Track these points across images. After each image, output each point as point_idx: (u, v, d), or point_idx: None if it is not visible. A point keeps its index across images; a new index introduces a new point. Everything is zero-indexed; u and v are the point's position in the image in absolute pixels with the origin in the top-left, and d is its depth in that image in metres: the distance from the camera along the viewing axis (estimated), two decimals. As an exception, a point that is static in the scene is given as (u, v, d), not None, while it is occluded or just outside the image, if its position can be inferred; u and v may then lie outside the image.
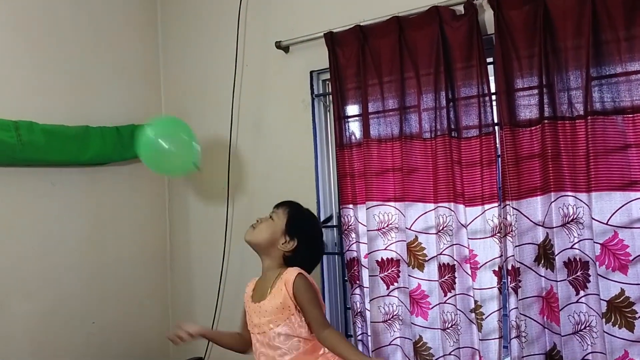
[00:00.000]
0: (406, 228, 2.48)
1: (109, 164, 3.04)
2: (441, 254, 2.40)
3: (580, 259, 2.14)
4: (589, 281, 2.12)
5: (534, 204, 2.23)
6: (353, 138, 2.65)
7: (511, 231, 2.24)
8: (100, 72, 3.07)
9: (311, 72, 2.85)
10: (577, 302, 2.16)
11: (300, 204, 2.37)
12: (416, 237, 2.47)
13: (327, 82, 2.89)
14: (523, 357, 2.22)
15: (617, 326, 2.04)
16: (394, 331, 2.55)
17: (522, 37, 2.23)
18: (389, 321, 2.55)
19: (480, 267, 2.33)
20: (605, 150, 2.06)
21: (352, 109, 2.67)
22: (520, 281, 2.23)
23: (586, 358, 2.15)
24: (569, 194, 2.16)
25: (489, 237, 2.31)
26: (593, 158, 2.06)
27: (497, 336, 2.30)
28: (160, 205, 3.36)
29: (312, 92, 2.86)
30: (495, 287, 2.30)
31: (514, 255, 2.23)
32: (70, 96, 2.93)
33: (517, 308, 2.23)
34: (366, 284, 2.60)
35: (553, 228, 2.19)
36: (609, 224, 2.05)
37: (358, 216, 2.62)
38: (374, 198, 2.55)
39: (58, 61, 2.89)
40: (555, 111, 2.18)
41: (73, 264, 2.87)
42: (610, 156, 2.06)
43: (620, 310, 2.04)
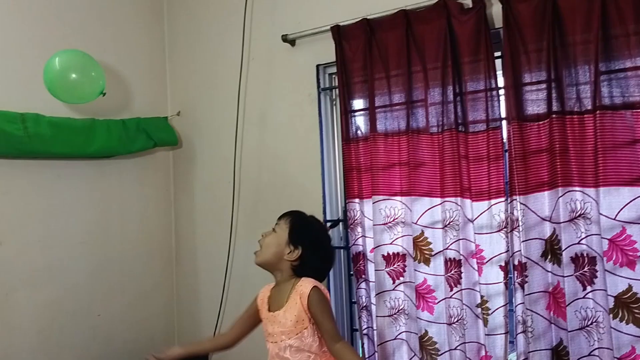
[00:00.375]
0: (412, 222, 2.48)
1: (114, 157, 3.03)
2: (447, 248, 2.39)
3: (587, 254, 2.13)
4: (596, 277, 2.11)
5: (541, 199, 2.22)
6: (359, 132, 2.64)
7: (518, 226, 2.23)
8: (107, 65, 3.06)
9: (317, 66, 2.84)
10: (584, 297, 2.15)
11: (304, 212, 2.29)
12: (422, 232, 2.47)
13: (333, 76, 2.88)
14: (529, 352, 2.22)
15: (624, 322, 2.04)
16: (400, 325, 2.54)
17: (531, 31, 2.22)
18: (395, 315, 2.55)
19: (486, 262, 2.32)
20: (614, 145, 2.05)
21: (358, 103, 2.66)
22: (526, 276, 2.22)
23: (593, 354, 2.14)
24: (577, 189, 2.15)
25: (496, 232, 2.30)
26: (601, 153, 2.05)
27: (503, 331, 2.29)
28: (166, 198, 3.36)
29: (318, 86, 2.85)
30: (501, 282, 2.29)
31: (520, 251, 2.23)
32: (77, 89, 2.92)
33: (523, 303, 2.22)
34: (372, 278, 2.60)
35: (560, 223, 2.18)
36: (617, 219, 2.04)
37: (364, 210, 2.62)
38: (380, 192, 2.54)
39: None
40: (563, 106, 2.17)
41: (79, 256, 2.87)
42: (619, 151, 2.05)
43: (627, 306, 2.03)
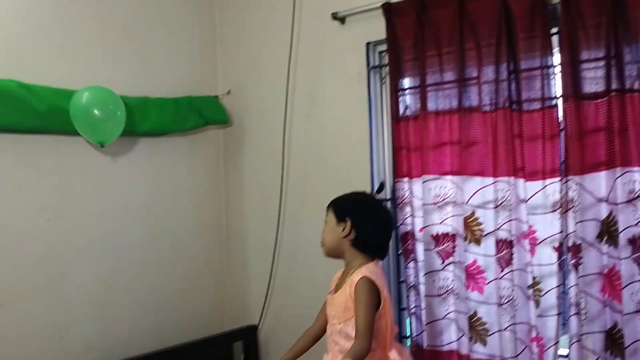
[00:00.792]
0: (463, 202, 2.45)
1: (166, 135, 3.09)
2: (499, 229, 2.36)
3: (646, 236, 2.08)
4: (655, 259, 2.06)
5: (598, 179, 2.17)
6: (409, 111, 2.62)
7: (573, 207, 2.19)
8: (159, 45, 3.11)
9: (367, 44, 2.82)
10: (641, 280, 2.10)
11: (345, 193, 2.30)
12: (473, 212, 2.45)
13: (383, 54, 2.85)
14: (582, 334, 2.18)
15: (682, 306, 1.99)
16: (448, 305, 2.53)
17: (589, 6, 2.15)
18: (444, 295, 2.54)
19: (539, 243, 2.29)
20: (677, 125, 1.98)
21: (408, 81, 2.63)
22: (581, 258, 2.18)
23: (649, 338, 2.10)
24: (636, 169, 2.09)
25: (550, 212, 2.27)
26: (663, 132, 1.99)
27: (556, 313, 2.27)
28: (216, 176, 3.41)
29: (367, 64, 2.83)
30: (554, 263, 2.26)
31: (575, 232, 2.18)
32: (131, 68, 2.98)
33: (577, 285, 2.19)
34: (420, 258, 2.59)
35: (617, 204, 2.12)
36: (678, 200, 1.98)
37: (413, 190, 2.60)
38: (430, 172, 2.53)
39: (119, 33, 2.94)
40: (623, 84, 2.10)
41: (132, 231, 2.94)
42: (682, 130, 1.98)
43: (687, 290, 1.98)
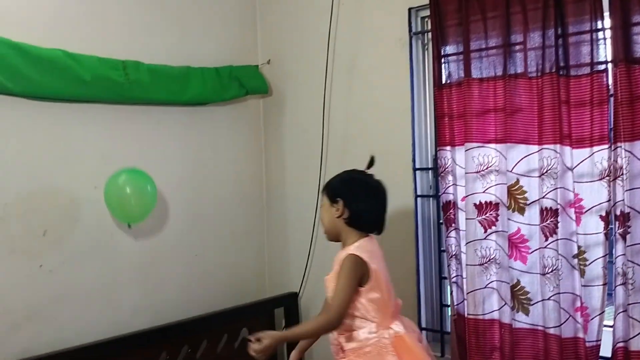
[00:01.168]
0: (507, 170, 2.42)
1: (207, 104, 3.11)
2: (544, 197, 2.32)
3: (698, 205, 2.02)
4: None
5: (649, 146, 2.11)
6: (453, 77, 2.57)
7: (622, 175, 2.13)
8: (201, 14, 3.11)
9: (409, 9, 2.78)
10: (692, 250, 2.05)
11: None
12: (517, 180, 2.41)
13: (426, 20, 2.80)
14: (628, 304, 2.15)
15: None
16: (490, 274, 2.51)
17: (643, -35, 2.07)
18: (486, 264, 2.51)
19: (585, 212, 2.25)
20: None
21: (452, 48, 2.58)
22: (629, 227, 2.13)
23: (699, 308, 2.05)
24: (690, 135, 2.02)
25: (597, 180, 2.22)
26: None
27: (601, 283, 2.23)
28: (257, 146, 3.42)
29: (410, 30, 2.79)
30: (601, 232, 2.22)
31: (623, 200, 2.14)
32: (172, 37, 3.00)
33: (624, 255, 2.15)
34: (462, 227, 2.57)
35: (669, 172, 2.07)
36: None
37: (456, 158, 2.57)
38: (473, 140, 2.49)
39: (162, 3, 2.95)
40: (677, 47, 2.03)
41: (176, 199, 2.98)
42: None
43: None
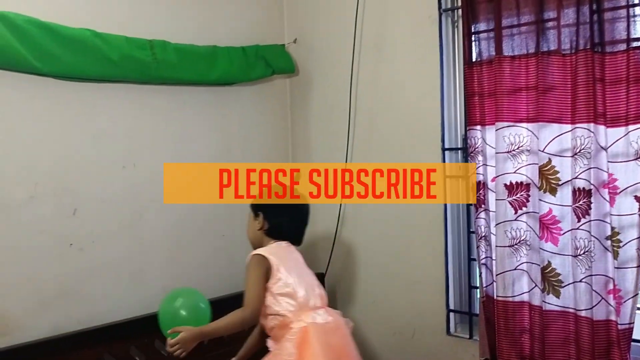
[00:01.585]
0: (539, 150, 2.37)
1: (234, 84, 3.10)
2: (576, 178, 2.27)
3: None
4: None
5: (687, 125, 2.05)
6: (483, 55, 2.51)
7: (659, 154, 2.08)
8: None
9: (439, -14, 2.73)
10: None
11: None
12: (549, 160, 2.36)
13: (456, -4, 2.75)
14: (664, 287, 2.10)
15: None
16: (521, 256, 2.47)
17: (686, -64, 1.99)
18: (516, 246, 2.47)
19: (620, 193, 2.20)
20: None
21: (483, 24, 2.52)
22: (665, 208, 2.08)
23: None
24: None
25: (632, 160, 2.17)
26: None
27: (636, 265, 2.18)
28: (283, 125, 3.41)
29: (439, 7, 2.73)
30: (636, 213, 2.17)
31: (659, 180, 2.08)
32: (199, 16, 2.98)
33: (660, 236, 2.09)
34: (492, 207, 2.52)
35: None
36: None
37: (486, 138, 2.52)
38: (504, 119, 2.43)
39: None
40: None
41: (203, 180, 2.99)
42: None
43: None
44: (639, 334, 2.26)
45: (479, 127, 2.54)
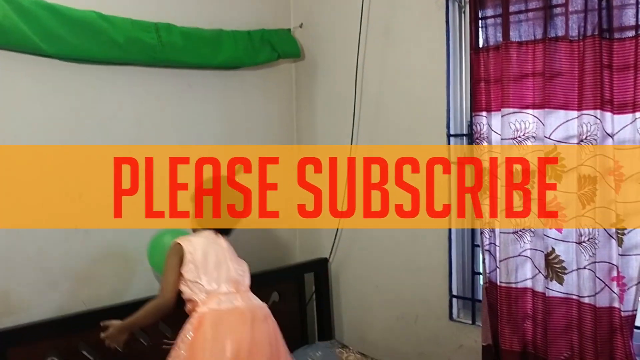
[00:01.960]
0: (545, 137, 2.36)
1: (239, 68, 3.09)
2: (582, 165, 2.26)
3: None
4: None
5: (695, 112, 2.03)
6: (490, 41, 2.50)
7: (666, 141, 2.07)
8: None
9: (447, -30, 2.70)
10: None
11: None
12: (555, 147, 2.35)
13: (463, -19, 2.73)
14: (667, 275, 2.10)
15: None
16: (524, 242, 2.47)
17: None
18: (520, 232, 2.48)
19: (625, 180, 2.18)
20: None
21: (490, 10, 2.50)
22: (671, 195, 2.07)
23: None
24: None
25: (639, 147, 2.14)
26: None
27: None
28: (288, 110, 3.40)
29: (446, -8, 2.72)
30: (641, 201, 2.16)
31: (666, 167, 2.07)
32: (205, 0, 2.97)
33: (665, 224, 2.09)
34: (497, 194, 2.52)
35: None
36: None
37: (492, 124, 2.51)
38: (510, 105, 2.42)
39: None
40: None
41: (208, 162, 2.99)
42: None
43: None
44: (641, 321, 2.27)
45: (484, 113, 2.53)
